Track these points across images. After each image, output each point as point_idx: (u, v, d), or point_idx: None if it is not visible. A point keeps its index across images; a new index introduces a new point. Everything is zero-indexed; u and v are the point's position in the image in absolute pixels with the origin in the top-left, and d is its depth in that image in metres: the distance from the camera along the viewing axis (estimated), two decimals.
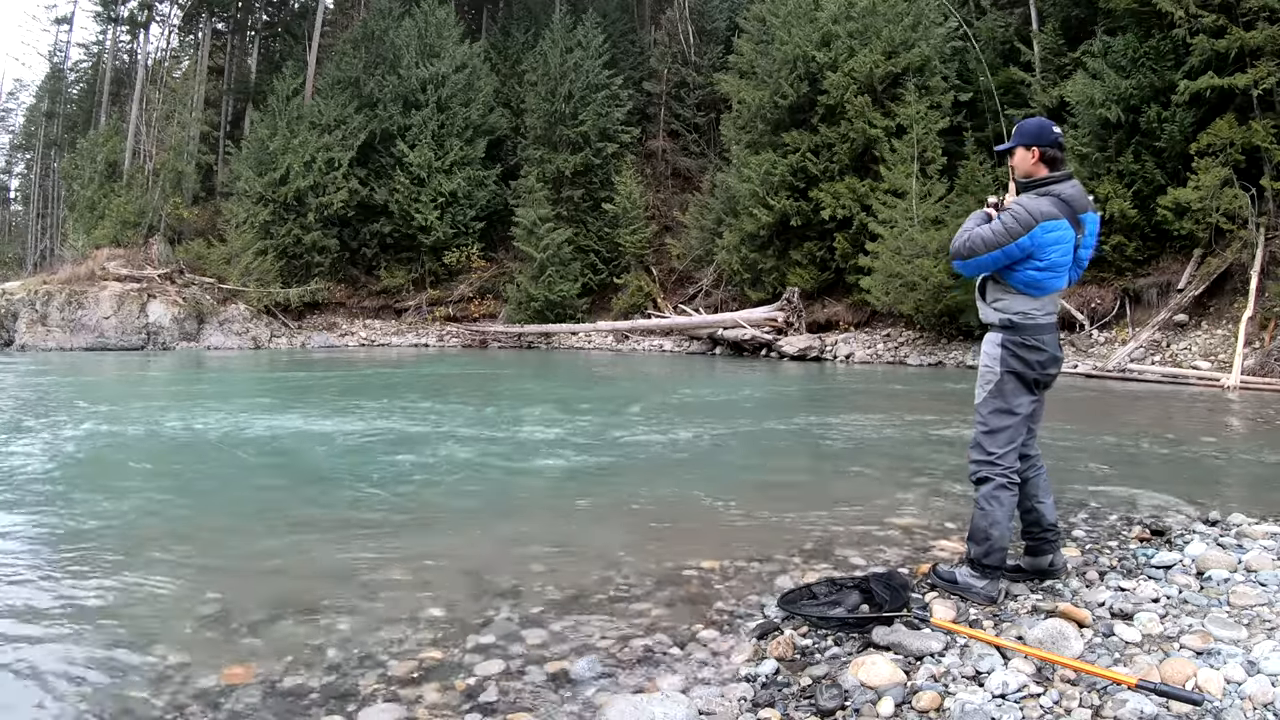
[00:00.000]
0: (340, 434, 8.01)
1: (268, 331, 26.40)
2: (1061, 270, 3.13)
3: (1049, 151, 3.13)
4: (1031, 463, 3.36)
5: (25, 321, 23.96)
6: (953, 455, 6.62)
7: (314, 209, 27.51)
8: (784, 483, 5.98)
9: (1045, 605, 3.14)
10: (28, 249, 44.37)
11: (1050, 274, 3.11)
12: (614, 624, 3.12)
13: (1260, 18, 14.63)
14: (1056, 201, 3.06)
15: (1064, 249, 3.08)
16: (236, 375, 16.36)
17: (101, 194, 29.59)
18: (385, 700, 2.54)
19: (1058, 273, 3.12)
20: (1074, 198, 3.11)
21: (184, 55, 38.64)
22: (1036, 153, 3.14)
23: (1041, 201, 3.06)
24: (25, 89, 57.78)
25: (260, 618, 3.19)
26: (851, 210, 19.82)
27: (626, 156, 28.45)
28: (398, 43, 29.95)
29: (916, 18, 20.49)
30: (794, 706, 2.46)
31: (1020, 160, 3.18)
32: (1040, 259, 3.07)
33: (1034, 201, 3.07)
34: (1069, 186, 3.12)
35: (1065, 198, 3.08)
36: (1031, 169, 3.16)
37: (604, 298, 27.29)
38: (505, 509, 5.16)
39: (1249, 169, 15.17)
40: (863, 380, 14.68)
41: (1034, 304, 3.16)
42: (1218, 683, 2.41)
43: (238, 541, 4.38)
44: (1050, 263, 3.09)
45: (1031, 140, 3.14)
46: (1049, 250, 3.06)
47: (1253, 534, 3.99)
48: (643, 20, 34.70)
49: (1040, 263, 3.08)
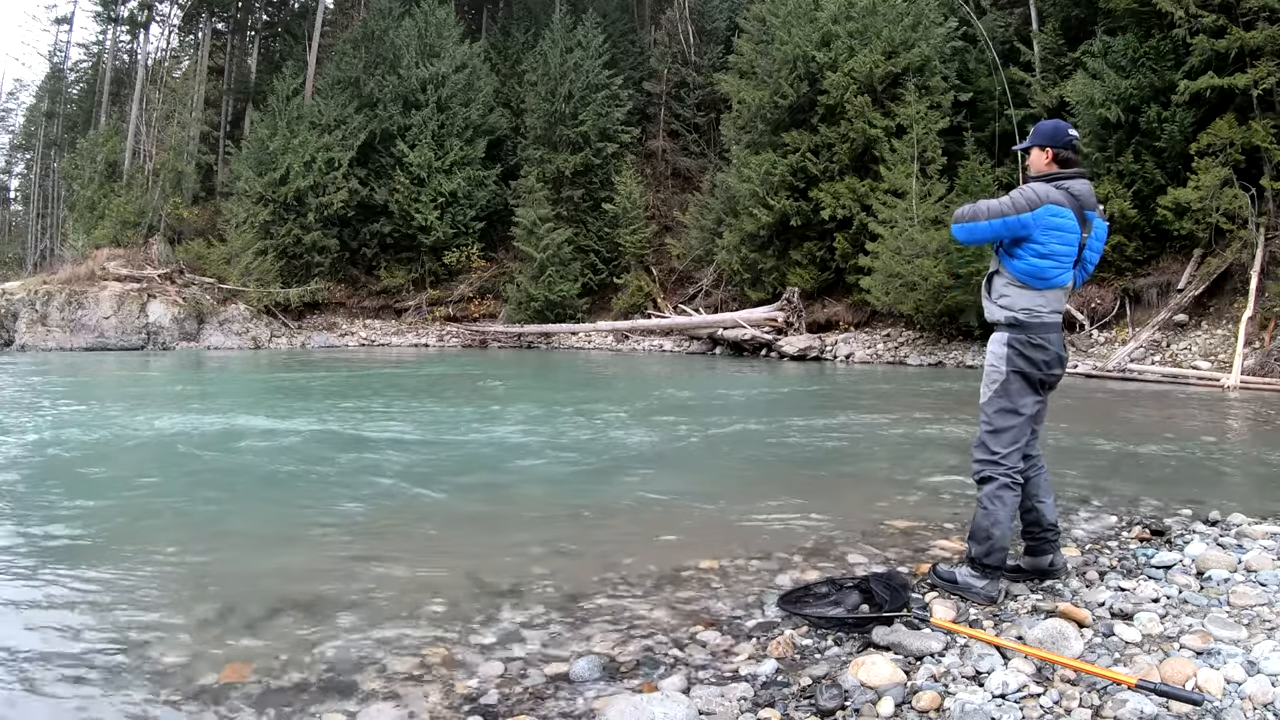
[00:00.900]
0: (340, 434, 8.01)
1: (268, 331, 26.39)
2: (1063, 262, 3.18)
3: (1062, 153, 3.25)
4: (1033, 463, 3.37)
5: (25, 321, 23.95)
6: (953, 455, 6.62)
7: (314, 209, 27.50)
8: (784, 482, 5.98)
9: (1045, 605, 3.14)
10: (28, 249, 44.36)
11: (1052, 264, 3.16)
12: (614, 624, 3.12)
13: (1260, 18, 14.62)
14: (1064, 193, 3.17)
15: (1065, 238, 3.15)
16: (237, 375, 16.36)
17: (101, 194, 29.57)
18: (385, 699, 2.54)
19: (1060, 264, 3.17)
20: (1082, 193, 3.20)
21: (184, 55, 38.64)
22: (1050, 153, 3.26)
23: (1049, 188, 3.18)
24: (25, 89, 57.80)
25: (259, 615, 3.19)
26: (851, 210, 19.82)
27: (626, 156, 28.43)
28: (398, 43, 29.94)
29: (916, 18, 20.49)
30: (794, 706, 2.46)
31: (1035, 160, 3.32)
32: (1040, 242, 3.13)
33: (1041, 186, 3.19)
34: (1078, 183, 3.22)
35: (1074, 192, 3.19)
36: (1045, 169, 3.28)
37: (604, 298, 27.28)
38: (505, 509, 5.16)
39: (1249, 169, 15.16)
40: (863, 380, 14.67)
41: (1039, 300, 3.20)
42: (1218, 683, 2.40)
43: (236, 540, 4.38)
44: (1051, 250, 3.14)
45: (1046, 141, 3.28)
46: (1050, 235, 3.13)
47: (1253, 534, 3.99)
48: (643, 20, 34.69)
49: (1040, 246, 3.14)
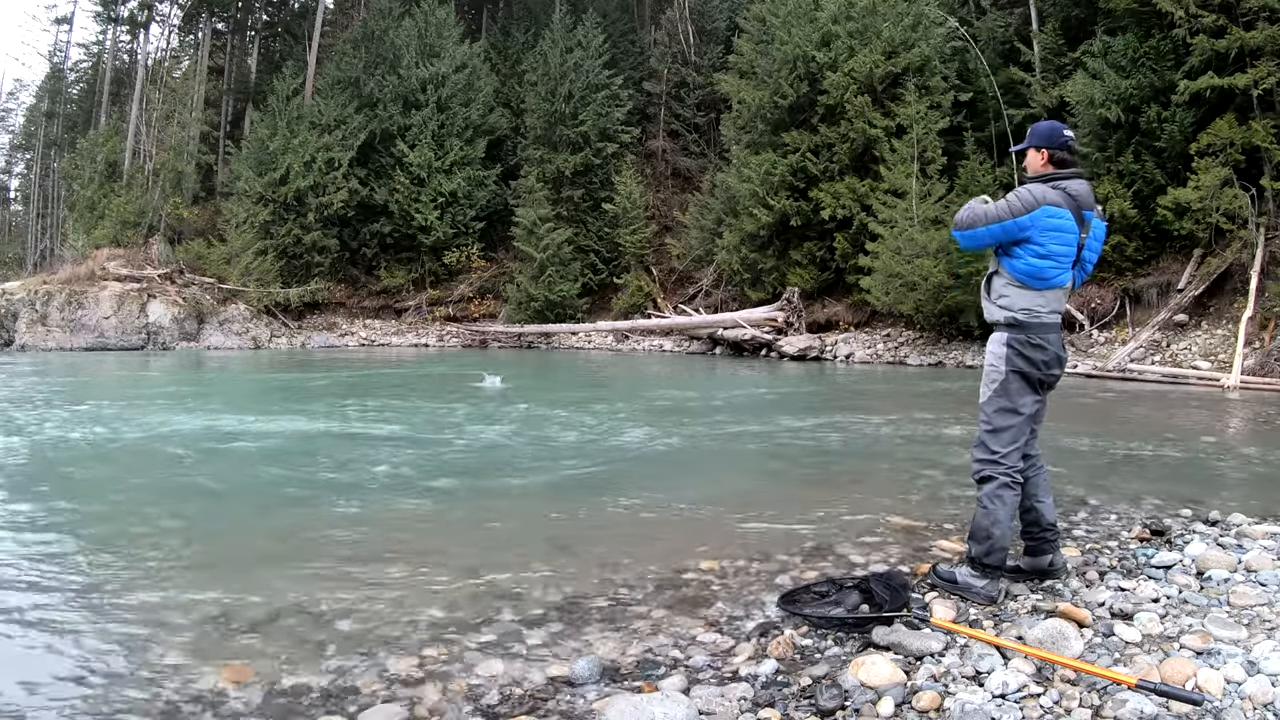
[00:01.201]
0: (339, 435, 8.01)
1: (268, 331, 26.39)
2: (1062, 262, 3.18)
3: (1058, 154, 3.26)
4: (1032, 462, 3.38)
5: (25, 321, 23.95)
6: (952, 455, 6.62)
7: (314, 209, 27.49)
8: (784, 483, 5.98)
9: (1045, 605, 3.14)
10: (28, 249, 44.36)
11: (1051, 265, 3.16)
12: (614, 624, 3.12)
13: (1260, 18, 14.61)
14: (1061, 194, 3.18)
15: (1064, 238, 3.15)
16: (238, 376, 16.36)
17: (101, 194, 29.57)
18: (385, 700, 2.54)
19: (1059, 264, 3.17)
20: (1079, 193, 3.21)
21: (184, 55, 38.63)
22: (1046, 154, 3.28)
23: (1046, 189, 3.19)
24: (25, 89, 57.74)
25: (260, 617, 3.19)
26: (851, 210, 19.81)
27: (626, 156, 28.42)
28: (398, 43, 29.93)
29: (916, 18, 20.48)
30: (794, 706, 2.46)
31: (1031, 161, 3.33)
32: (1039, 243, 3.14)
33: (1038, 187, 3.20)
34: (1076, 183, 3.22)
35: (1071, 192, 3.19)
36: (1042, 169, 3.29)
37: (604, 298, 27.27)
38: (505, 510, 5.16)
39: (1249, 169, 15.15)
40: (863, 380, 14.67)
41: (1038, 300, 3.20)
42: (1218, 683, 2.41)
43: (236, 541, 4.38)
44: (1049, 251, 3.14)
45: (1042, 143, 3.29)
46: (1048, 236, 3.13)
47: (1253, 534, 3.99)
48: (643, 20, 34.69)
49: (1039, 248, 3.14)
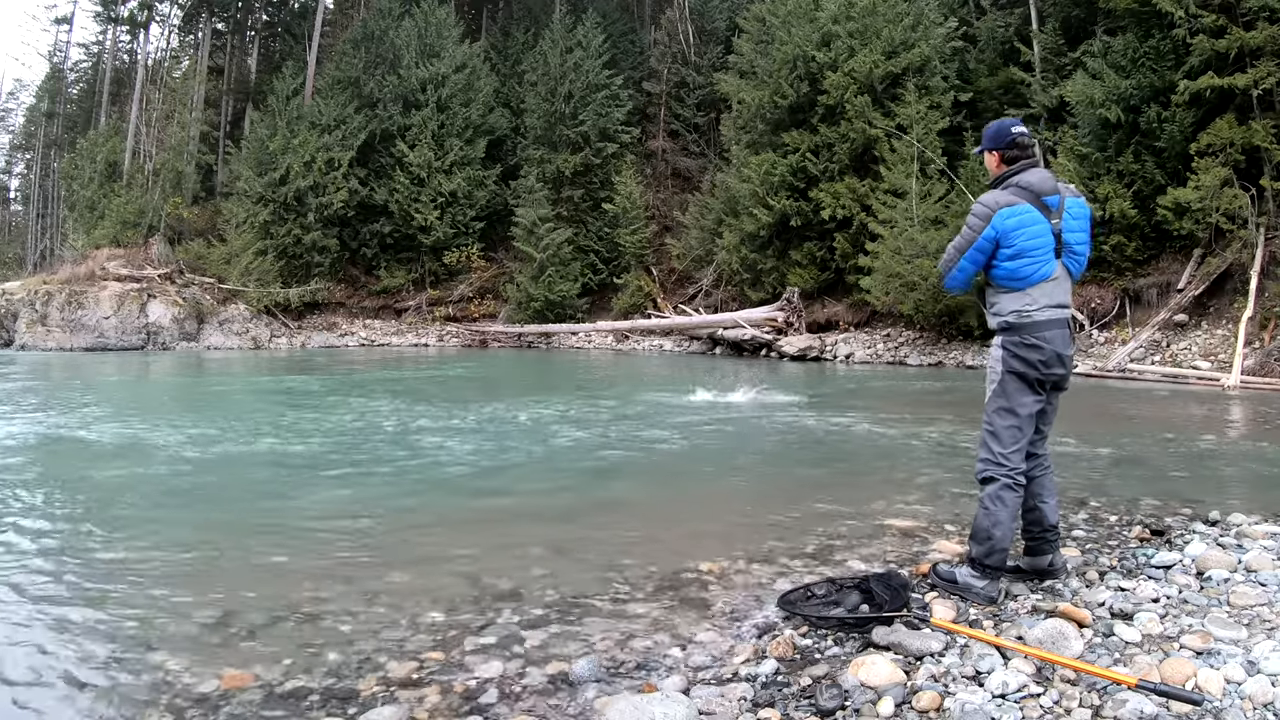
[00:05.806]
0: (339, 435, 8.01)
1: (267, 331, 26.40)
2: (1037, 256, 3.13)
3: (1008, 152, 3.26)
4: (1039, 462, 3.36)
5: (25, 321, 23.96)
6: (952, 456, 6.62)
7: (314, 209, 27.51)
8: (784, 483, 5.98)
9: (1045, 605, 3.14)
10: (28, 249, 44.39)
11: (1026, 262, 3.12)
12: (614, 625, 3.12)
13: (1260, 18, 14.62)
14: (1015, 190, 3.17)
15: (1031, 233, 3.11)
16: (239, 376, 16.35)
17: (101, 194, 29.60)
18: (385, 703, 2.54)
19: (1033, 259, 3.13)
20: (1034, 183, 3.17)
21: (184, 55, 38.66)
22: (997, 156, 3.28)
23: (997, 193, 3.20)
24: (25, 89, 57.78)
25: (259, 621, 3.19)
26: (851, 210, 19.82)
27: (626, 156, 28.44)
28: (398, 43, 29.95)
29: (916, 18, 20.50)
30: (794, 706, 2.46)
31: (988, 164, 3.35)
32: (1007, 245, 3.12)
33: (989, 195, 3.21)
34: (1028, 174, 3.19)
35: (1024, 184, 3.17)
36: (997, 171, 3.30)
37: (604, 298, 27.28)
38: (504, 510, 5.16)
39: (1249, 169, 15.16)
40: (862, 380, 14.67)
41: (1025, 300, 3.16)
42: (1218, 683, 2.40)
43: (235, 545, 4.37)
44: (1018, 249, 3.11)
45: (991, 144, 3.30)
46: (1014, 236, 3.11)
47: (1253, 534, 3.99)
48: (643, 20, 34.71)
49: (1008, 249, 3.12)
